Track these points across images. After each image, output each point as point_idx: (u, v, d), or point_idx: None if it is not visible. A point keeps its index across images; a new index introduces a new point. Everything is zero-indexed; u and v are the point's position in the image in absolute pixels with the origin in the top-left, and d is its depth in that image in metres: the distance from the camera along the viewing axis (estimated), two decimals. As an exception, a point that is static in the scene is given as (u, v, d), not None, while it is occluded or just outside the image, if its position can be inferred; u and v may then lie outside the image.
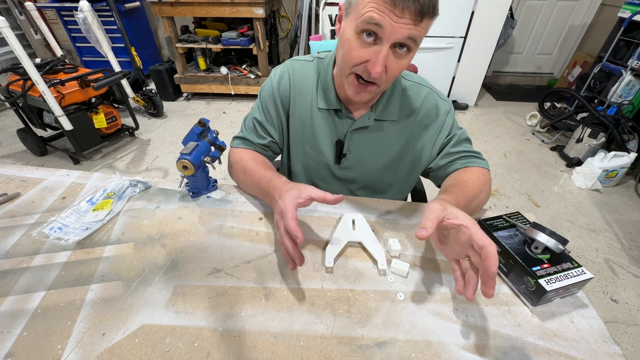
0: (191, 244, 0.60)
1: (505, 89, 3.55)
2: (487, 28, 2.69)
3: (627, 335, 1.25)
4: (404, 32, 0.48)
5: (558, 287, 0.47)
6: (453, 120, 0.71)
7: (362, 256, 0.58)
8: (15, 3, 3.04)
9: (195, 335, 0.45)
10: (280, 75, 0.72)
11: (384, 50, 0.50)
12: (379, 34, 0.49)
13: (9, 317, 0.47)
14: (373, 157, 0.73)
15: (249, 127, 0.77)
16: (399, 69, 0.54)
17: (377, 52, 0.51)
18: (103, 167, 2.18)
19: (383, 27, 0.48)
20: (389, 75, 0.54)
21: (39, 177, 0.76)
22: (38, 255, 0.57)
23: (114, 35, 2.95)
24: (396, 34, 0.48)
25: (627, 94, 2.24)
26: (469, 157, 0.70)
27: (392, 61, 0.52)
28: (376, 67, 0.51)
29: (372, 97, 0.62)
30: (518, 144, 2.53)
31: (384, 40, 0.50)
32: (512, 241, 0.54)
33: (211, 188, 0.73)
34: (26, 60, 1.70)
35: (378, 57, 0.50)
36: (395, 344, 0.45)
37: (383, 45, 0.50)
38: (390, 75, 0.54)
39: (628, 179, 2.12)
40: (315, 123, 0.71)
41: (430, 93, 0.70)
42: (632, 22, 2.24)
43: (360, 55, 0.53)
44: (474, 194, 0.62)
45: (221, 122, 2.75)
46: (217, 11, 2.61)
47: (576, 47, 3.33)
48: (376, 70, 0.51)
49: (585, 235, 1.70)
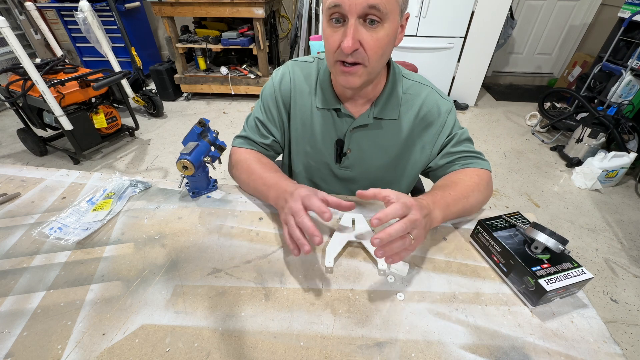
0: (191, 244, 0.60)
1: (505, 89, 3.55)
2: (487, 28, 2.69)
3: (627, 335, 1.25)
4: (362, 2, 0.49)
5: (558, 287, 0.47)
6: (454, 119, 0.71)
7: (362, 256, 0.58)
8: (15, 3, 3.04)
9: (195, 335, 0.45)
10: (282, 76, 0.73)
11: (350, 24, 0.52)
12: (343, 12, 0.52)
13: (9, 317, 0.47)
14: (373, 156, 0.73)
15: (251, 126, 0.77)
16: (376, 43, 0.54)
17: (346, 29, 0.53)
18: (103, 167, 2.19)
19: (341, 4, 0.50)
20: (368, 51, 0.54)
21: (39, 177, 0.76)
22: (38, 255, 0.57)
23: (114, 35, 2.96)
24: (355, 5, 0.50)
25: (627, 94, 2.25)
26: (469, 158, 0.70)
27: (365, 34, 0.53)
28: (345, 41, 0.52)
29: (363, 82, 0.59)
30: (518, 144, 2.53)
31: (347, 16, 0.52)
32: (512, 241, 0.54)
33: (211, 188, 0.73)
34: (26, 60, 1.70)
35: (346, 32, 0.52)
36: (395, 344, 0.45)
37: (348, 20, 0.52)
38: (370, 50, 0.54)
39: (628, 179, 2.12)
40: (315, 123, 0.72)
41: (432, 92, 0.70)
42: (632, 22, 2.24)
43: (334, 39, 0.54)
44: (463, 194, 0.63)
45: (221, 122, 2.75)
46: (217, 11, 2.61)
47: (576, 47, 3.33)
48: (346, 43, 0.52)
49: (585, 235, 1.70)
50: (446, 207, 0.59)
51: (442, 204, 0.58)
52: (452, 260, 0.58)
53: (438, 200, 0.58)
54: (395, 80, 0.68)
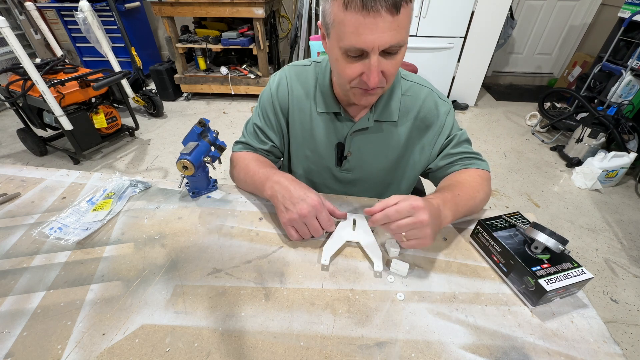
0: (191, 244, 0.60)
1: (505, 89, 3.55)
2: (487, 28, 2.69)
3: (627, 335, 1.25)
4: (387, 41, 0.48)
5: (558, 287, 0.47)
6: (453, 120, 0.71)
7: (362, 256, 0.58)
8: (15, 3, 3.04)
9: (195, 335, 0.45)
10: (279, 82, 0.72)
11: (374, 61, 0.50)
12: (365, 50, 0.50)
13: (9, 317, 0.47)
14: (374, 158, 0.73)
15: (250, 132, 0.77)
16: (395, 68, 0.54)
17: (367, 64, 0.51)
18: (103, 167, 2.18)
19: (364, 49, 0.49)
20: (388, 77, 0.55)
21: (39, 177, 0.76)
22: (38, 255, 0.57)
23: (114, 35, 2.96)
24: (380, 46, 0.49)
25: (627, 94, 2.25)
26: (468, 159, 0.70)
27: (386, 64, 0.52)
28: (372, 79, 0.52)
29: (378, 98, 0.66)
30: (518, 144, 2.53)
31: (370, 53, 0.50)
32: (512, 241, 0.54)
33: (211, 188, 0.73)
34: (26, 60, 1.70)
35: (370, 69, 0.51)
36: (395, 344, 0.45)
37: (371, 57, 0.50)
38: (389, 75, 0.55)
39: (628, 179, 2.12)
40: (315, 127, 0.72)
41: (430, 93, 0.70)
42: (632, 22, 2.24)
43: (353, 71, 0.54)
44: (470, 195, 0.63)
45: (221, 122, 2.75)
46: (217, 11, 2.61)
47: (576, 47, 3.33)
48: (373, 81, 0.52)
49: (585, 235, 1.70)
50: (456, 207, 0.59)
51: (452, 204, 0.59)
52: (452, 260, 0.58)
53: (449, 200, 0.59)
54: (395, 82, 0.68)
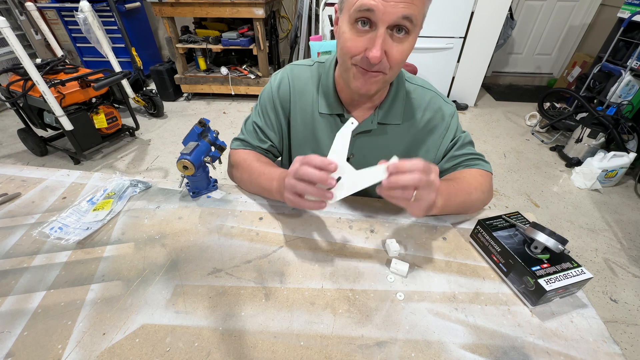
0: (191, 243, 0.60)
1: (504, 89, 3.55)
2: (486, 28, 2.69)
3: (626, 335, 1.25)
4: (398, 12, 0.46)
5: (557, 287, 0.47)
6: (457, 123, 0.71)
7: (362, 256, 0.59)
8: (15, 3, 3.04)
9: (195, 335, 0.46)
10: (280, 80, 0.72)
11: (380, 33, 0.49)
12: (373, 19, 0.48)
13: (9, 317, 0.47)
14: (377, 161, 0.73)
15: (249, 130, 0.77)
16: (400, 54, 0.52)
17: (373, 37, 0.50)
18: (103, 167, 2.19)
19: (375, 10, 0.47)
20: (392, 62, 0.52)
21: (39, 177, 0.76)
22: (38, 255, 0.57)
23: (114, 36, 2.96)
24: (390, 14, 0.47)
25: (627, 94, 2.25)
26: (472, 160, 0.71)
27: (392, 46, 0.51)
28: (373, 51, 0.49)
29: (378, 89, 0.60)
30: (518, 144, 2.53)
31: (378, 24, 0.48)
32: (511, 241, 0.54)
33: (211, 188, 0.73)
34: (27, 60, 1.70)
35: (375, 41, 0.49)
36: (395, 343, 0.45)
37: (378, 29, 0.49)
38: (393, 61, 0.52)
39: (627, 179, 2.12)
40: (317, 128, 0.71)
41: (435, 97, 0.70)
42: (632, 22, 2.25)
43: (357, 44, 0.51)
44: (466, 190, 0.64)
45: (221, 122, 2.75)
46: (217, 11, 2.61)
47: (576, 48, 3.34)
48: (374, 54, 0.49)
49: (585, 235, 1.70)
50: (448, 196, 0.59)
51: (446, 192, 0.59)
52: (452, 260, 0.58)
53: (443, 189, 0.58)
54: (399, 84, 0.67)
